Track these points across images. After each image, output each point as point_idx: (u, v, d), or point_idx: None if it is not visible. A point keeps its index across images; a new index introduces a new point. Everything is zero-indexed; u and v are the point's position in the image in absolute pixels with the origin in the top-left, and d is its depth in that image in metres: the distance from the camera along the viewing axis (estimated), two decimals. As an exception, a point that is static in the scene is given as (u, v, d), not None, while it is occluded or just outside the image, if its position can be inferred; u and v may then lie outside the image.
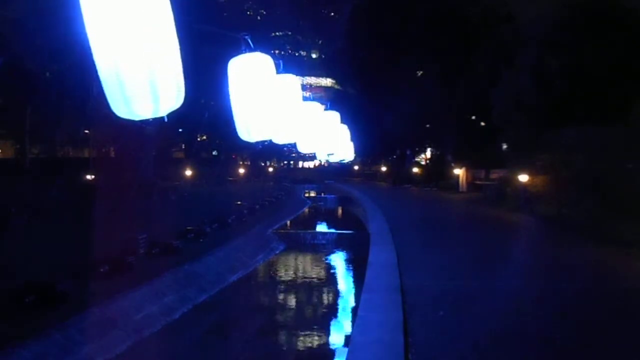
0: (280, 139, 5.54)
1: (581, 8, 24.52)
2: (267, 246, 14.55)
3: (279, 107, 5.15)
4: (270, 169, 53.25)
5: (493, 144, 27.88)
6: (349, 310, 9.00)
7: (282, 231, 17.18)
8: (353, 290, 10.61)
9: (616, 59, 20.45)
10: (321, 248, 15.53)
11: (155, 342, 7.08)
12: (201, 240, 12.48)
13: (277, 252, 14.40)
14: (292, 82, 5.86)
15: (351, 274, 12.41)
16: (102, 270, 8.66)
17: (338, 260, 14.26)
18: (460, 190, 28.58)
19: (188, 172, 31.76)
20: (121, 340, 6.65)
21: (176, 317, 7.91)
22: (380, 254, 10.76)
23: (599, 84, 21.64)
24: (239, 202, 19.85)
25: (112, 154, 30.27)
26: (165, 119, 3.10)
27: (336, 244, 15.81)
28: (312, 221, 21.43)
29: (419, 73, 38.48)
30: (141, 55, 2.89)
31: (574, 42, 22.30)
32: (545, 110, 22.12)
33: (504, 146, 29.30)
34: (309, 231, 17.09)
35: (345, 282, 11.85)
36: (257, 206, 19.64)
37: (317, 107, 9.96)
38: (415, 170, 39.03)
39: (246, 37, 4.94)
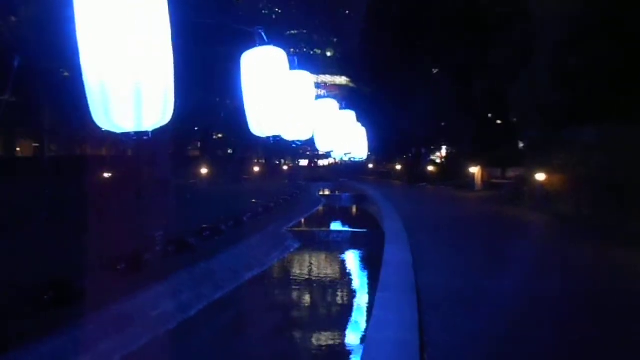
0: (291, 135, 5.53)
1: (600, 5, 24.17)
2: (282, 244, 14.57)
3: (291, 102, 5.15)
4: (285, 168, 53.31)
5: (509, 143, 27.65)
6: (364, 308, 8.97)
7: (297, 229, 17.18)
8: (368, 289, 10.58)
9: (635, 56, 20.13)
10: (336, 246, 15.49)
11: (171, 339, 7.13)
12: (217, 238, 12.54)
13: (292, 250, 14.42)
14: (306, 78, 5.85)
15: (366, 272, 12.39)
16: (118, 267, 8.74)
17: (353, 258, 14.24)
18: (476, 189, 28.36)
19: (204, 170, 31.94)
20: (137, 337, 6.70)
21: (192, 314, 7.95)
22: (395, 253, 10.72)
23: (617, 82, 21.30)
24: (254, 200, 19.90)
25: (129, 153, 30.59)
26: (150, 135, 3.02)
27: (351, 242, 15.76)
28: (327, 219, 21.41)
29: (435, 71, 38.25)
30: (128, 64, 2.79)
31: (592, 40, 21.99)
32: (563, 108, 21.85)
33: (521, 145, 29.04)
34: (324, 229, 17.06)
35: (360, 281, 11.83)
36: (272, 204, 19.67)
37: (332, 104, 9.98)
38: (431, 168, 38.81)
39: (260, 30, 4.94)
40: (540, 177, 19.47)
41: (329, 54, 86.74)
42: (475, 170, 28.87)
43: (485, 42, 30.72)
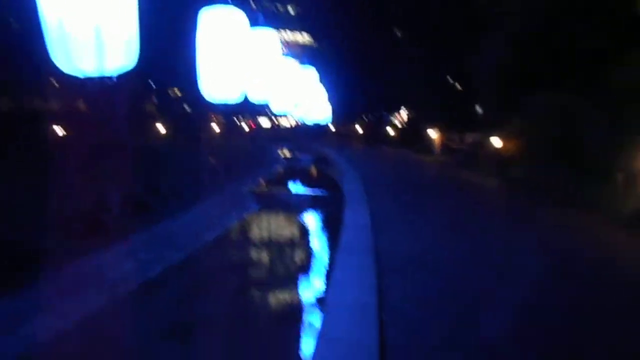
0: (254, 98, 5.43)
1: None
2: (243, 205, 14.57)
3: (251, 64, 5.04)
4: (246, 128, 52.54)
5: (468, 108, 28.10)
6: (324, 270, 9.15)
7: (257, 190, 17.18)
8: (327, 251, 10.76)
9: (593, 27, 20.59)
10: (296, 208, 15.60)
11: (131, 300, 7.11)
12: (176, 198, 12.42)
13: (252, 211, 14.44)
14: (270, 37, 5.69)
15: (325, 234, 12.55)
16: (75, 228, 8.58)
17: (312, 220, 14.38)
18: (435, 153, 28.85)
19: (161, 129, 31.22)
20: (96, 298, 6.66)
21: (152, 276, 7.93)
22: (355, 216, 10.92)
23: (574, 50, 21.80)
24: (214, 161, 19.69)
25: (82, 107, 29.45)
26: (114, 79, 2.95)
27: (311, 204, 15.89)
28: (287, 181, 21.45)
29: (398, 33, 38.14)
30: (88, 3, 2.69)
31: (550, 8, 22.30)
32: (521, 75, 22.27)
33: (478, 110, 29.57)
34: (284, 191, 17.10)
35: (319, 243, 11.99)
36: (232, 165, 19.51)
37: (293, 63, 9.85)
38: (391, 131, 39.14)
39: None
40: (496, 142, 19.97)
41: (291, 10, 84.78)
42: (434, 134, 29.30)
43: (447, 6, 30.76)
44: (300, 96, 9.14)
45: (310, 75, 10.57)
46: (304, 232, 13.32)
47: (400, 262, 7.19)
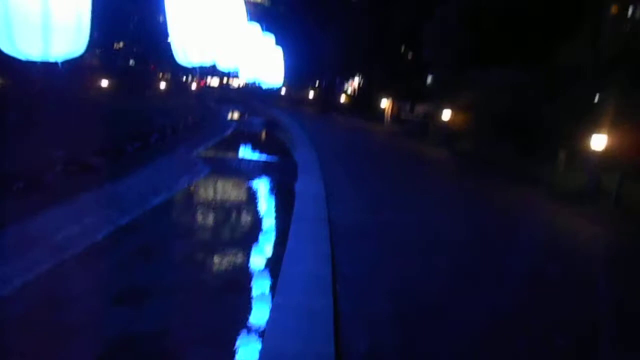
0: (223, 64, 5.25)
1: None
2: (192, 169, 14.24)
3: (223, 27, 4.84)
4: (194, 86, 51.03)
5: (420, 79, 28.39)
6: (275, 237, 9.13)
7: (207, 154, 16.84)
8: (279, 219, 10.70)
9: (545, 6, 21.11)
10: (247, 174, 15.44)
11: (77, 264, 6.86)
12: (122, 159, 11.99)
13: (202, 175, 14.14)
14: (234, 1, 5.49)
15: (277, 202, 12.48)
16: (16, 187, 8.15)
17: (264, 187, 14.26)
18: (386, 122, 29.11)
19: (104, 83, 29.86)
20: (42, 260, 6.39)
21: (98, 239, 7.67)
22: (309, 184, 10.93)
23: (524, 27, 22.33)
24: (161, 120, 19.10)
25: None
26: (59, 65, 2.75)
27: (262, 170, 15.77)
28: (238, 145, 21.13)
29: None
30: None
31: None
32: (472, 49, 22.64)
33: (429, 81, 29.93)
34: (235, 156, 16.81)
35: (271, 211, 11.90)
36: (181, 125, 18.99)
37: (256, 29, 9.59)
38: (343, 99, 39.09)
39: None
40: (446, 115, 20.34)
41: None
42: (385, 104, 29.50)
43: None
44: (259, 61, 8.90)
45: (269, 40, 10.30)
46: (256, 199, 13.21)
47: (349, 231, 7.30)
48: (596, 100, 20.23)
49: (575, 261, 6.92)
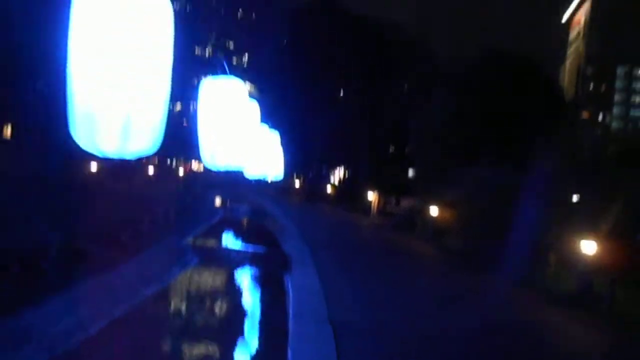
0: (252, 171, 5.39)
1: (495, 54, 26.60)
2: (182, 258, 14.11)
3: (246, 132, 5.11)
4: (181, 171, 51.47)
5: (405, 173, 29.24)
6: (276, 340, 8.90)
7: (197, 242, 16.77)
8: (273, 316, 10.49)
9: (528, 110, 22.41)
10: (236, 265, 15.30)
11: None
12: (115, 246, 11.84)
13: (192, 265, 13.99)
14: (255, 108, 5.81)
15: (270, 296, 12.25)
16: (11, 271, 7.98)
17: (254, 279, 14.04)
18: (372, 215, 29.48)
19: (93, 167, 29.94)
20: (35, 357, 6.16)
21: (93, 333, 7.43)
22: (301, 278, 10.92)
23: (506, 126, 23.56)
24: (152, 206, 19.08)
25: (8, 135, 27.88)
26: (132, 161, 2.94)
27: (252, 261, 15.65)
28: (226, 233, 21.09)
29: (340, 93, 39.55)
30: (120, 94, 2.69)
31: (485, 84, 24.11)
32: (457, 146, 23.59)
33: (410, 174, 30.82)
34: (224, 245, 16.72)
35: (265, 307, 11.66)
36: (171, 212, 18.96)
37: (265, 129, 9.98)
38: (329, 189, 39.72)
39: (223, 61, 4.88)
40: (433, 210, 20.74)
41: (234, 61, 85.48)
42: (372, 196, 30.02)
43: (390, 74, 32.38)
44: (266, 158, 9.24)
45: (276, 137, 10.75)
46: (246, 292, 13.01)
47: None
48: (575, 201, 20.93)
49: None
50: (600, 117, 64.94)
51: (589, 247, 10.70)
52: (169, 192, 28.64)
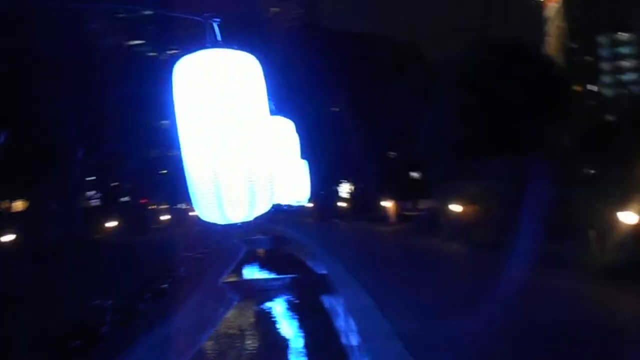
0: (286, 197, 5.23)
1: (490, 48, 26.90)
2: (224, 298, 14.19)
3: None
4: (192, 212, 51.37)
5: (416, 176, 29.30)
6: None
7: (233, 280, 16.84)
8: (327, 337, 10.53)
9: (526, 94, 22.52)
10: (275, 294, 15.36)
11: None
12: (160, 299, 11.92)
13: (235, 303, 14.06)
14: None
15: (318, 319, 12.28)
16: (73, 345, 8.03)
17: (297, 305, 14.10)
18: (391, 221, 29.47)
19: (111, 224, 30.08)
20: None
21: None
22: (354, 298, 10.93)
23: (512, 118, 23.66)
24: (179, 253, 19.18)
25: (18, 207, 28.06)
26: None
27: (290, 288, 15.70)
28: (256, 267, 21.15)
29: (336, 109, 39.80)
30: (242, 159, 2.76)
31: (486, 80, 24.26)
32: (467, 143, 23.64)
33: (416, 176, 30.86)
34: (260, 278, 16.76)
35: (317, 330, 11.70)
36: (199, 254, 19.05)
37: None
38: (341, 204, 39.70)
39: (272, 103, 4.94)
40: (456, 208, 20.75)
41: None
42: (388, 203, 30.06)
43: (383, 83, 32.65)
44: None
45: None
46: (292, 319, 13.04)
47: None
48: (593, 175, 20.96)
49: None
50: (595, 88, 65.25)
51: (628, 217, 10.73)
52: (189, 235, 28.72)
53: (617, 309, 8.98)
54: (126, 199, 45.94)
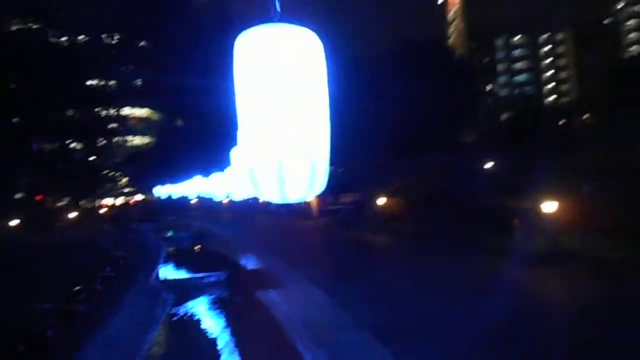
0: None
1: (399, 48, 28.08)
2: (159, 297, 13.77)
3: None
4: (103, 209, 48.57)
5: (340, 170, 29.83)
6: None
7: (164, 279, 16.38)
8: (281, 332, 10.50)
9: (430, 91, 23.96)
10: (212, 290, 15.16)
11: None
12: (97, 299, 11.32)
13: (171, 301, 13.67)
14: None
15: (260, 313, 12.14)
16: (21, 350, 7.48)
17: (237, 301, 13.90)
18: (313, 215, 29.79)
19: (13, 222, 27.77)
20: None
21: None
22: (303, 290, 11.08)
23: (421, 119, 25.02)
24: (102, 253, 18.25)
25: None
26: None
27: (224, 285, 15.55)
28: (183, 263, 20.61)
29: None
30: (305, 142, 2.80)
31: (397, 81, 25.17)
32: (381, 139, 24.42)
33: (336, 170, 31.50)
34: (192, 275, 16.33)
35: (260, 324, 11.56)
36: (123, 254, 18.18)
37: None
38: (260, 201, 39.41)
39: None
40: (381, 201, 21.48)
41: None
42: (311, 198, 30.33)
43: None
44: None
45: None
46: (231, 314, 12.86)
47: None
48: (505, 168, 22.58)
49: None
50: (489, 87, 69.99)
51: (551, 206, 11.74)
52: (105, 234, 27.36)
53: (530, 288, 9.91)
54: (20, 195, 42.50)
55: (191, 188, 23.81)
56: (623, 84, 25.84)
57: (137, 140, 55.98)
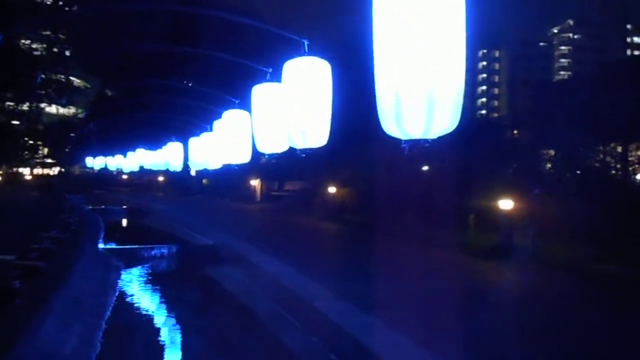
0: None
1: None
2: (110, 263, 13.41)
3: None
4: (29, 176, 45.67)
5: (288, 159, 29.96)
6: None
7: (113, 248, 15.94)
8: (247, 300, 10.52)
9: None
10: (162, 261, 14.94)
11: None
12: (50, 259, 10.82)
13: (123, 268, 13.30)
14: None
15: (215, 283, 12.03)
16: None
17: (189, 272, 13.72)
18: (257, 200, 29.78)
19: None
20: None
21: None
22: (268, 263, 11.16)
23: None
24: (44, 216, 17.36)
25: None
26: (428, 143, 3.22)
27: (175, 257, 15.33)
28: (125, 235, 20.00)
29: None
30: (423, 73, 2.95)
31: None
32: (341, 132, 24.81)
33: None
34: (145, 246, 15.82)
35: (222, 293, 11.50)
36: (67, 219, 17.40)
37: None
38: (204, 180, 38.78)
39: (304, 40, 5.05)
40: (332, 190, 21.84)
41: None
42: (255, 182, 30.29)
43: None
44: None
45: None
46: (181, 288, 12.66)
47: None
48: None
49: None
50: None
51: (506, 204, 12.53)
52: (39, 201, 25.96)
53: (478, 278, 10.67)
54: None
55: (130, 161, 23.15)
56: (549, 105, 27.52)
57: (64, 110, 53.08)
